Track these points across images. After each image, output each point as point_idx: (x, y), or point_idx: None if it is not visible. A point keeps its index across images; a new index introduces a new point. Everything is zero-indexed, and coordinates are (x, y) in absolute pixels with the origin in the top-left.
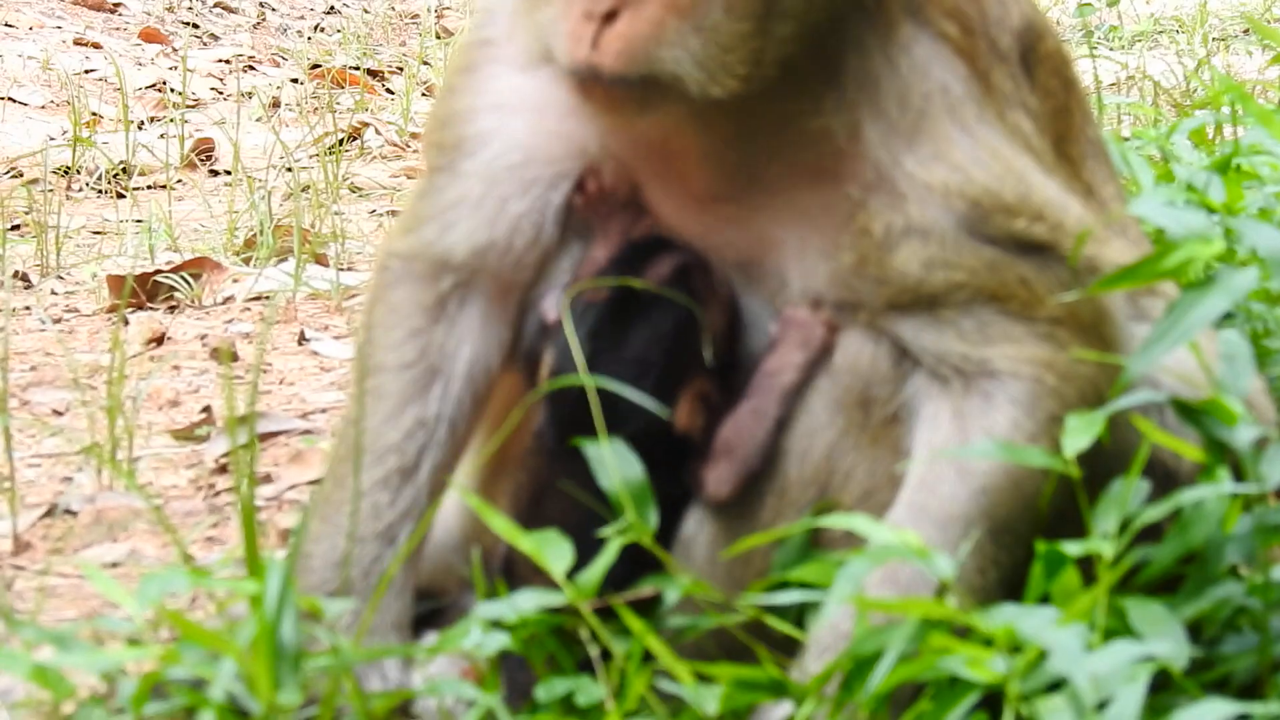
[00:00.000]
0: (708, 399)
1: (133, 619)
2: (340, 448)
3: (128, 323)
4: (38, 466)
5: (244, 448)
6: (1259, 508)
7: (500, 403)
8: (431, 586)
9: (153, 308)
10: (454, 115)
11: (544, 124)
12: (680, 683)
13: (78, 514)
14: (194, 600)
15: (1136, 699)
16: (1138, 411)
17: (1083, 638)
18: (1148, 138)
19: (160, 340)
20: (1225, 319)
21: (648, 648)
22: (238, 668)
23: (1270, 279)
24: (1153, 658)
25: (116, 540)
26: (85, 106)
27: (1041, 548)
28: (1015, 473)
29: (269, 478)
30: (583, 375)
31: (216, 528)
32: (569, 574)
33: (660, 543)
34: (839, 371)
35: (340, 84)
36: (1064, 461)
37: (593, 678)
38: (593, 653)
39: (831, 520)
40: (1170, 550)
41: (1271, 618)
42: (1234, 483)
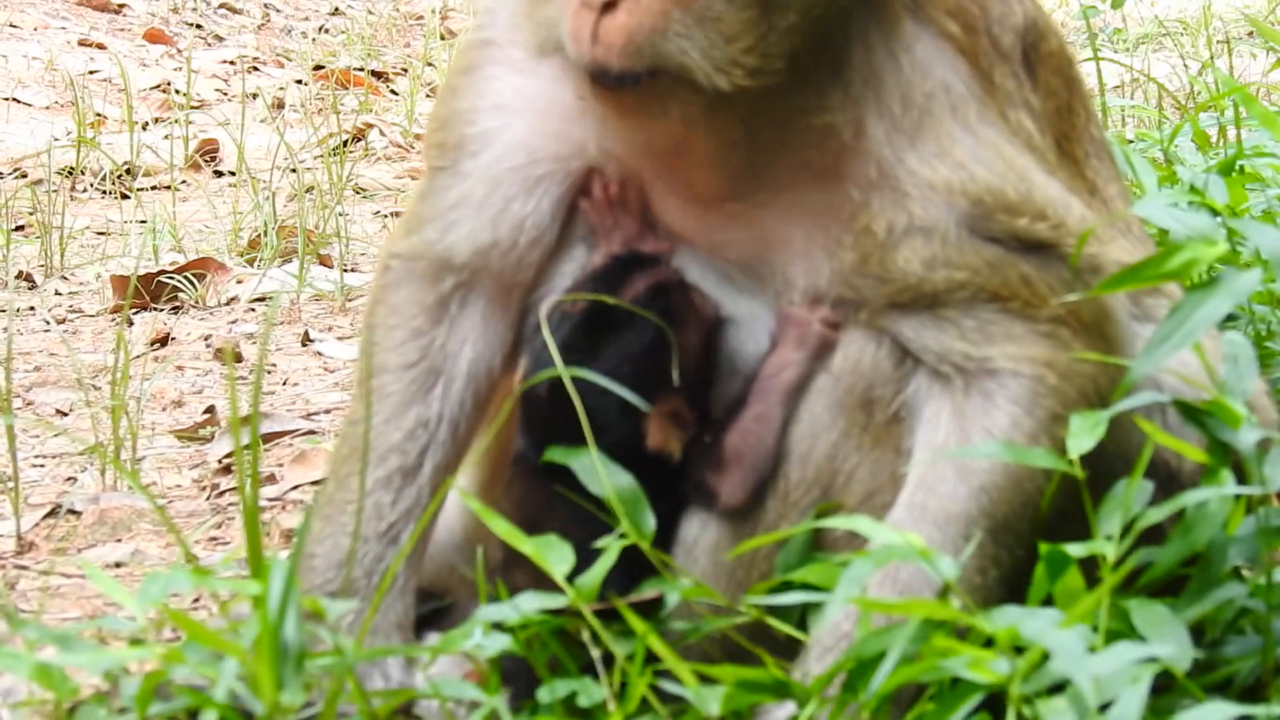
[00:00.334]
0: (680, 418)
1: (135, 619)
2: (342, 448)
3: (132, 323)
4: (41, 467)
5: (247, 448)
6: (1262, 509)
7: (501, 404)
8: (434, 586)
9: (157, 308)
10: (455, 116)
11: (546, 124)
12: (683, 684)
13: (81, 514)
14: (197, 600)
15: (1139, 701)
16: (1140, 413)
17: (1085, 639)
18: (1152, 140)
19: (164, 341)
20: (1228, 320)
21: (650, 649)
22: (241, 668)
23: (1273, 281)
24: (1155, 659)
25: (120, 540)
26: (90, 107)
27: (1044, 549)
28: (1015, 472)
29: (273, 478)
30: (551, 377)
31: (220, 528)
32: (570, 578)
33: (659, 548)
34: (841, 372)
35: (344, 85)
36: (1065, 461)
37: (595, 680)
38: (595, 654)
39: (834, 521)
40: (1173, 552)
41: (1274, 620)
42: (1237, 484)
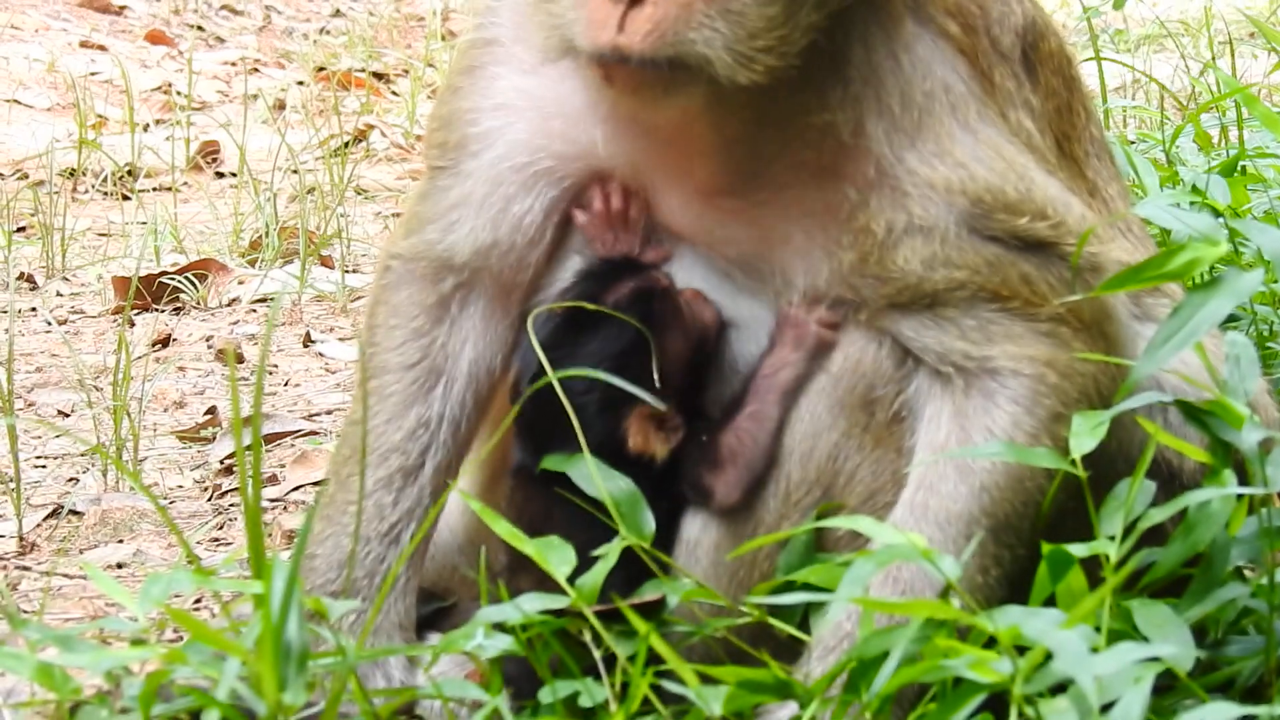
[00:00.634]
0: (663, 422)
1: (137, 619)
2: (344, 448)
3: (133, 324)
4: (43, 467)
5: (249, 449)
6: (1264, 510)
7: (502, 404)
8: (436, 587)
9: (158, 309)
10: (457, 115)
11: (550, 124)
12: (685, 684)
13: (83, 515)
14: (199, 601)
15: (1141, 701)
16: (1142, 413)
17: (1088, 639)
18: (1154, 140)
19: (165, 342)
20: (1230, 321)
21: (653, 649)
22: (243, 668)
23: (1275, 281)
24: (1158, 659)
25: (121, 541)
26: (91, 109)
27: (1047, 549)
28: (1017, 471)
29: (274, 479)
30: (532, 378)
31: (221, 529)
32: (571, 580)
33: (662, 549)
34: (842, 372)
35: (346, 86)
36: (1066, 461)
37: (597, 681)
38: (596, 655)
39: (836, 521)
40: (1176, 552)
41: (1277, 620)
42: (1239, 485)
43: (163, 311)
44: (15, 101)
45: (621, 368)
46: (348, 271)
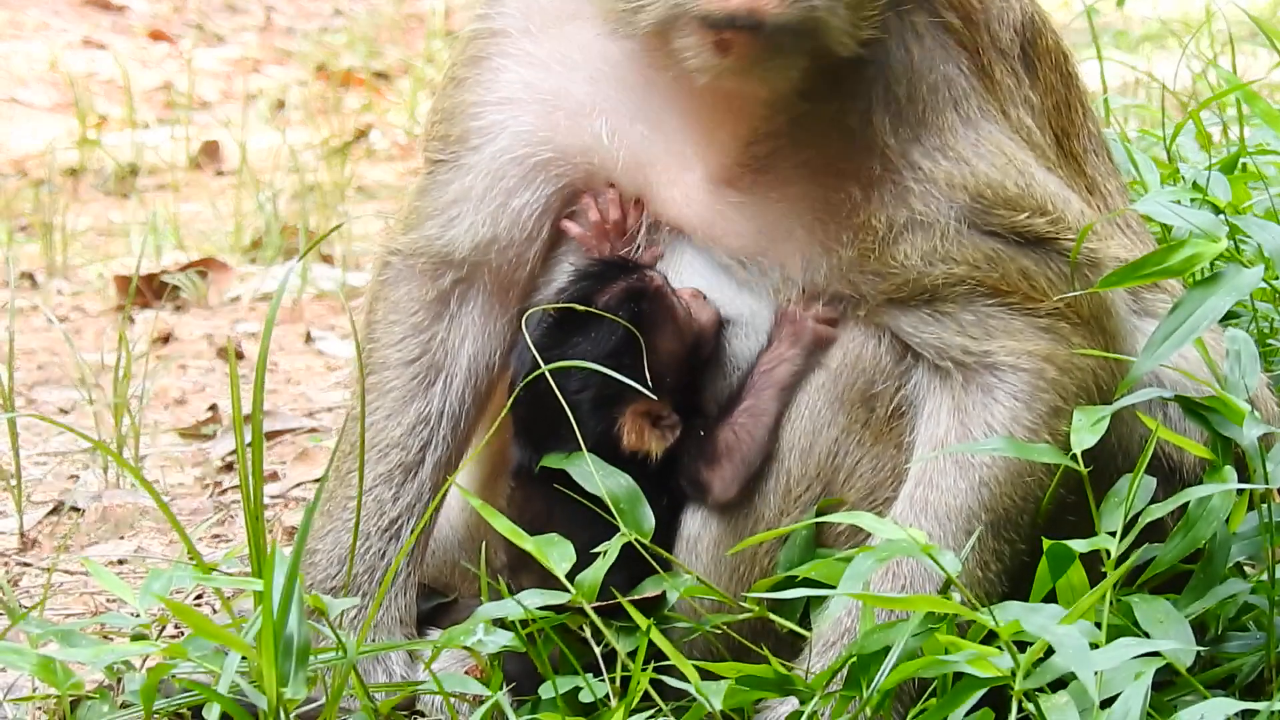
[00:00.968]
0: (658, 419)
1: (138, 615)
2: (344, 445)
3: (134, 322)
4: (44, 464)
5: (250, 446)
6: (1265, 505)
7: (501, 401)
8: (436, 582)
9: (159, 307)
10: (460, 109)
11: (552, 117)
12: (685, 679)
13: (84, 511)
14: (199, 598)
15: (1141, 696)
16: (1142, 408)
17: (1088, 635)
18: (1155, 138)
19: (166, 339)
20: (1231, 318)
21: (653, 645)
22: (244, 662)
23: (1276, 277)
24: (1158, 655)
25: (122, 538)
26: (92, 107)
27: (1047, 544)
28: (1016, 466)
29: (275, 476)
30: (525, 376)
31: (222, 525)
32: (572, 577)
33: (663, 545)
34: (841, 368)
35: (346, 85)
36: (1066, 456)
37: (598, 677)
38: (597, 651)
39: (837, 517)
40: (1176, 548)
41: (1277, 616)
42: (1239, 480)
43: (163, 309)
44: (15, 100)
45: (612, 368)
46: (349, 270)
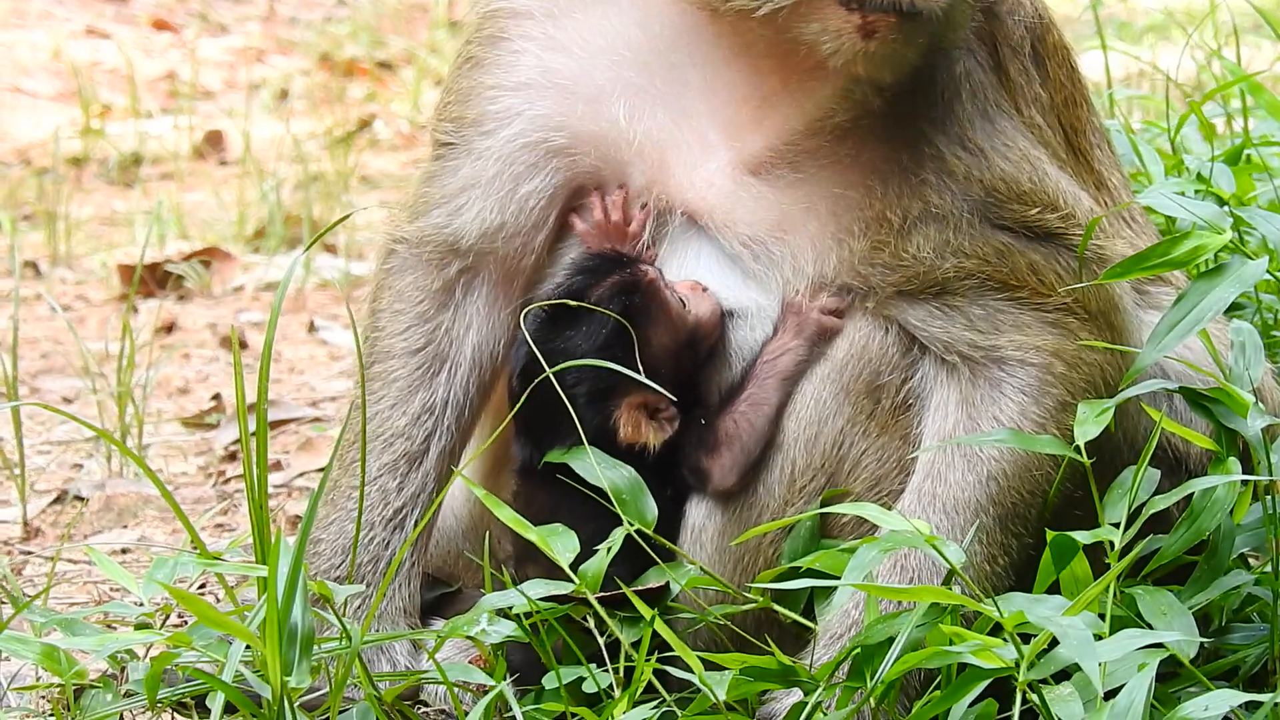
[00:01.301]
0: (654, 411)
1: (142, 604)
2: (348, 434)
3: (137, 311)
4: (47, 453)
5: (254, 434)
6: (1269, 497)
7: (504, 391)
8: (440, 572)
9: (162, 297)
10: (476, 91)
11: (569, 102)
12: (690, 670)
13: (87, 500)
14: (203, 587)
15: (1145, 688)
16: (1147, 400)
17: (1092, 626)
18: (1160, 129)
19: (170, 329)
20: (1235, 309)
21: (657, 635)
22: (248, 651)
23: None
24: (1162, 646)
25: (126, 527)
26: (95, 96)
27: (1051, 536)
28: (1024, 460)
29: (278, 465)
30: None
31: (226, 514)
32: (576, 567)
33: (667, 536)
34: (847, 359)
35: (350, 74)
36: (1072, 448)
37: (602, 667)
38: (601, 642)
39: (843, 507)
40: (1180, 539)
41: None
42: (1244, 472)
43: (167, 298)
44: (19, 89)
45: (606, 358)
46: (352, 259)
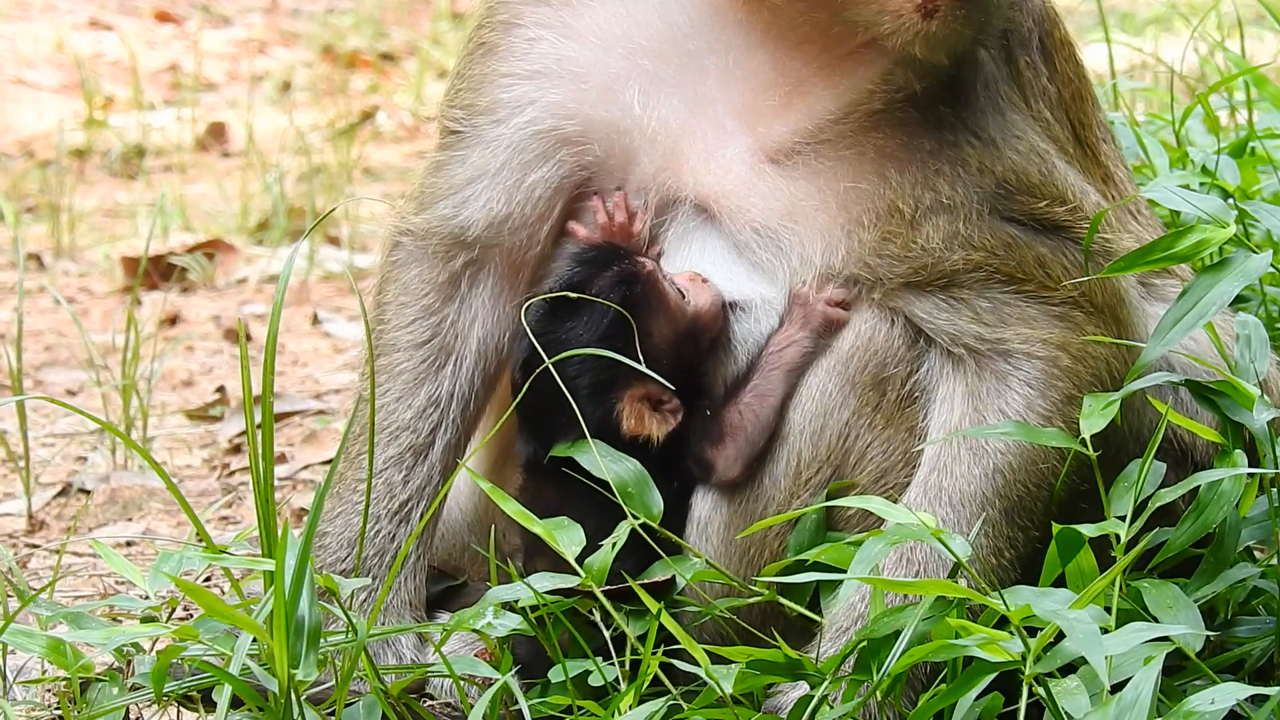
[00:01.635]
0: (657, 403)
1: (148, 597)
2: (354, 427)
3: (141, 303)
4: (52, 446)
5: (260, 427)
6: (1275, 490)
7: (508, 383)
8: (446, 566)
9: (166, 289)
10: (489, 78)
11: (582, 90)
12: (696, 663)
13: (92, 493)
14: (208, 580)
15: (1151, 681)
16: (1153, 393)
17: (1098, 619)
18: (1164, 121)
19: (173, 321)
20: (1240, 302)
21: (663, 629)
22: (254, 644)
23: None
24: (1168, 640)
25: (131, 519)
26: (98, 88)
27: (1057, 529)
28: (1030, 453)
29: (283, 458)
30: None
31: (230, 507)
32: (582, 560)
33: (674, 529)
34: (853, 351)
35: (352, 66)
36: (1078, 441)
37: (608, 660)
38: (607, 635)
39: (849, 500)
40: (1186, 532)
41: None
42: (1250, 465)
43: (170, 291)
44: (22, 81)
45: (607, 349)
46: (355, 251)
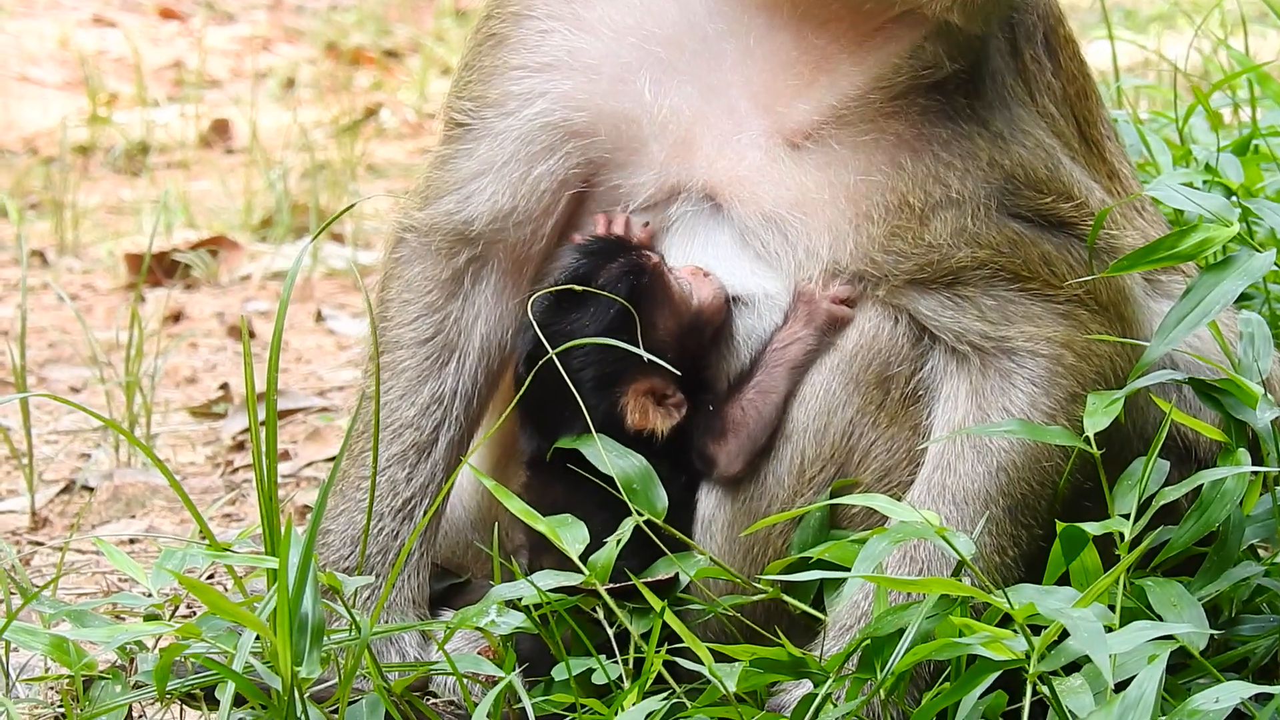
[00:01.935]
0: (662, 398)
1: (151, 595)
2: (357, 424)
3: (145, 300)
4: (55, 443)
5: (264, 424)
6: (1279, 488)
7: (512, 379)
8: (449, 563)
9: (170, 285)
10: (499, 70)
11: (592, 82)
12: (699, 661)
13: (95, 490)
14: (210, 578)
15: (1155, 679)
16: (1156, 391)
17: (1102, 618)
18: (1167, 119)
19: (177, 318)
20: (1244, 300)
21: (668, 625)
22: (258, 642)
23: None
24: (1172, 638)
25: (134, 517)
26: (102, 85)
27: (1061, 527)
28: (1034, 451)
29: (286, 455)
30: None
31: (234, 504)
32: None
33: (679, 527)
34: (857, 349)
35: (356, 63)
36: (1082, 439)
37: (611, 658)
38: (610, 632)
39: (852, 499)
40: (1189, 530)
41: None
42: (1253, 463)
43: (174, 287)
44: (26, 78)
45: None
46: (359, 248)
